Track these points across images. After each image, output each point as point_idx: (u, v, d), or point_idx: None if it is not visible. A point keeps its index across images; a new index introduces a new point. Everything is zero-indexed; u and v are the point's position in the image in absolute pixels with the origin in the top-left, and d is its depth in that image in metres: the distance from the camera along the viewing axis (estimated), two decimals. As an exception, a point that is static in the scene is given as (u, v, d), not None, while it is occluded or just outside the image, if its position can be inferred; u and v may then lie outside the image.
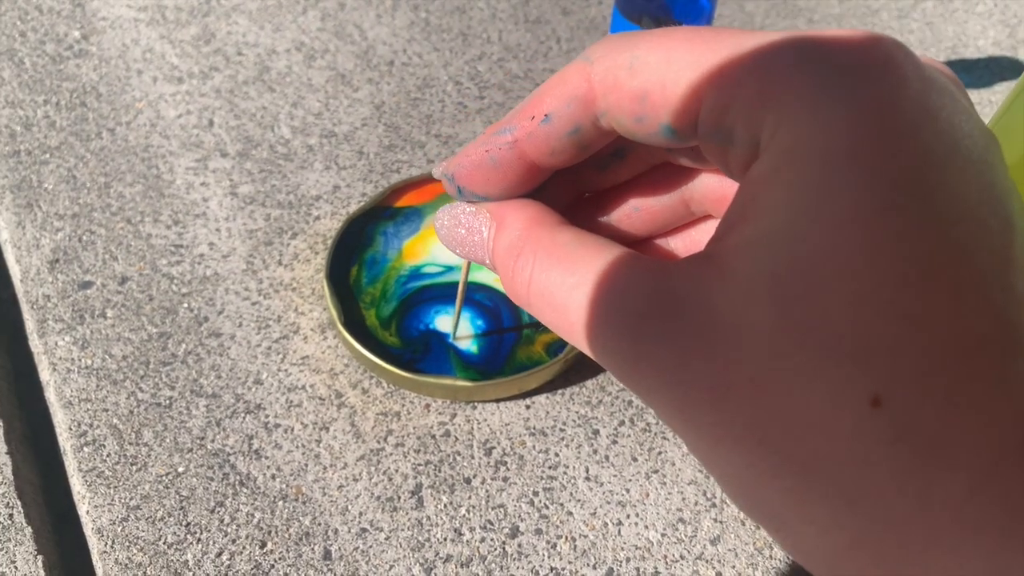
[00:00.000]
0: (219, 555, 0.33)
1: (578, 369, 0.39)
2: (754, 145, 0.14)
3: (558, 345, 0.38)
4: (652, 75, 0.15)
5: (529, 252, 0.17)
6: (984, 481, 0.12)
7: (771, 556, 0.34)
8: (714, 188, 0.19)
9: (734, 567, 0.33)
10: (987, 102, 0.54)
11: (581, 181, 0.20)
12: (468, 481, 0.35)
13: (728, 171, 0.16)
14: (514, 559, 0.33)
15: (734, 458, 0.14)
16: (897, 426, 0.12)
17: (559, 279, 0.16)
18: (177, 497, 0.34)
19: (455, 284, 0.40)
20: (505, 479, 0.36)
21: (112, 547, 0.33)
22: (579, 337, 0.16)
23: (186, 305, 0.40)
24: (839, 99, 0.13)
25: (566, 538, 0.34)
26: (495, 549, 0.33)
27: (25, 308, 0.40)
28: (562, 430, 0.37)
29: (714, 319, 0.14)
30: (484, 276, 0.41)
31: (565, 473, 0.36)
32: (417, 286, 0.40)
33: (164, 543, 0.33)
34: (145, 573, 0.32)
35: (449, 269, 0.41)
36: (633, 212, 0.20)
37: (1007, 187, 0.13)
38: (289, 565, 0.32)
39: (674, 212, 0.20)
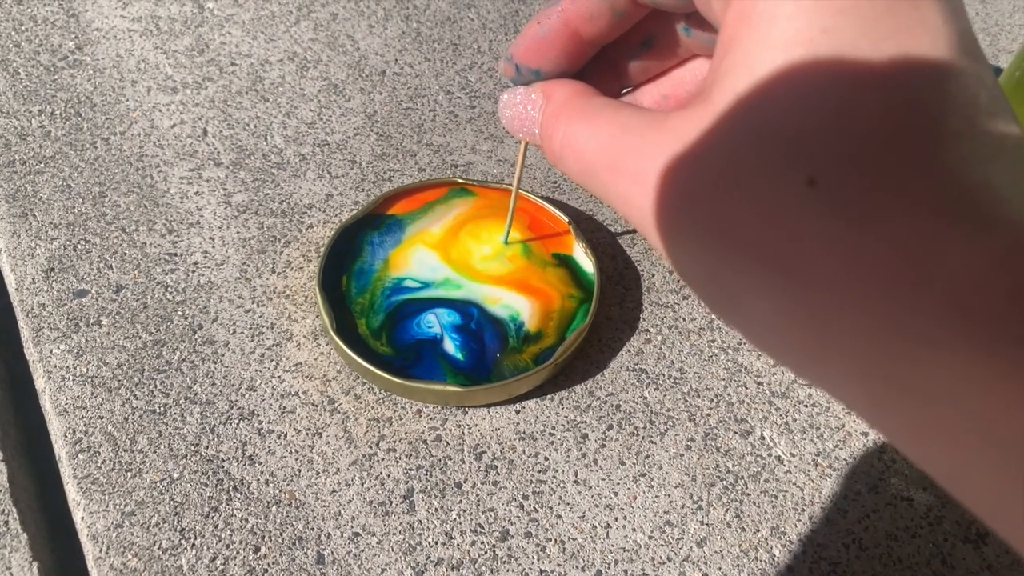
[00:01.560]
0: (213, 560, 0.33)
1: (567, 374, 0.40)
2: None
3: (545, 356, 0.39)
4: None
5: (565, 115, 0.21)
6: (906, 243, 0.14)
7: (756, 558, 0.34)
8: None
9: (720, 569, 0.34)
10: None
11: (619, 72, 0.24)
12: (459, 485, 0.36)
13: (717, 25, 0.18)
14: (504, 562, 0.34)
15: (695, 252, 0.16)
16: (830, 202, 0.14)
17: (582, 129, 0.20)
18: (171, 503, 0.34)
19: (435, 299, 0.40)
20: (495, 483, 0.36)
21: (107, 553, 0.33)
22: (593, 177, 0.19)
23: (180, 313, 0.41)
24: None
25: (555, 541, 0.34)
26: (485, 552, 0.34)
27: (20, 316, 0.40)
28: (551, 434, 0.38)
29: (693, 141, 0.16)
30: (472, 295, 0.41)
31: (554, 477, 0.36)
32: (399, 300, 0.40)
33: (159, 549, 0.33)
34: (140, 578, 0.32)
35: (427, 285, 0.41)
36: (663, 100, 0.24)
37: (960, 28, 0.15)
38: (283, 569, 0.33)
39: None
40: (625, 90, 0.25)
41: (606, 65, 0.23)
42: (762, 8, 0.15)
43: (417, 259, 0.42)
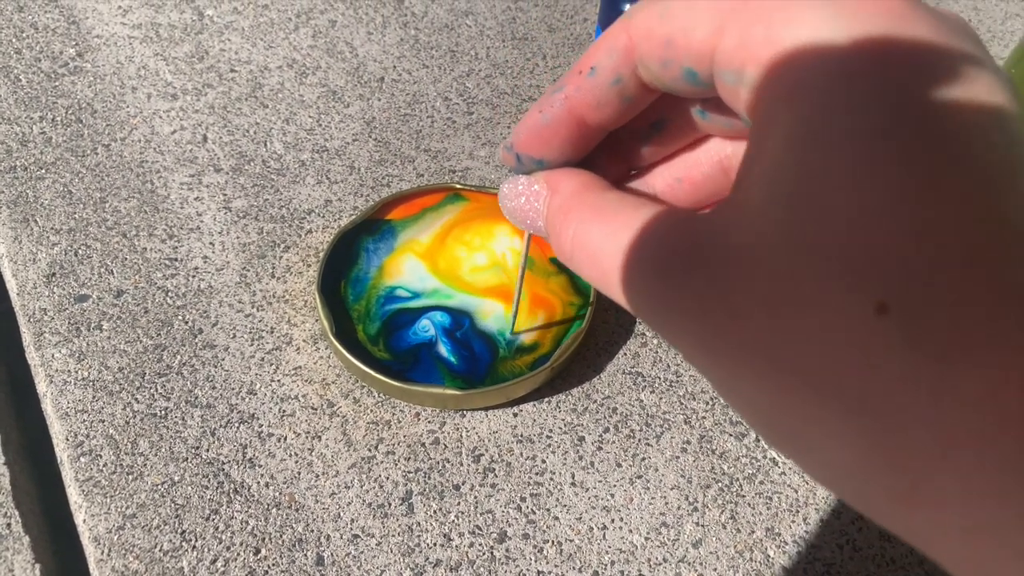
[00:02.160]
0: (214, 562, 0.33)
1: (564, 377, 0.40)
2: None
3: (539, 363, 0.39)
4: (677, 22, 0.16)
5: (575, 211, 0.19)
6: (998, 380, 0.12)
7: (751, 559, 0.35)
8: None
9: (715, 570, 0.34)
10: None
11: (627, 156, 0.22)
12: (457, 488, 0.36)
13: (745, 115, 0.17)
14: (502, 563, 0.34)
15: (752, 383, 0.14)
16: (904, 330, 0.12)
17: (597, 230, 0.18)
18: (172, 505, 0.35)
19: (427, 308, 0.41)
20: (493, 485, 0.36)
21: (109, 555, 0.33)
22: (612, 283, 0.17)
23: (181, 317, 0.41)
24: (839, 29, 0.14)
25: (552, 542, 0.35)
26: (483, 554, 0.34)
27: (22, 321, 0.41)
28: (548, 437, 0.38)
29: (730, 252, 0.15)
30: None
31: (551, 479, 0.37)
32: (393, 309, 0.41)
33: (160, 551, 0.33)
34: (141, 580, 0.33)
35: (416, 296, 0.41)
36: (676, 184, 0.22)
37: (1014, 109, 0.14)
38: (283, 571, 0.33)
39: (715, 182, 0.21)
40: (633, 171, 0.23)
41: (613, 149, 0.22)
42: (805, 99, 0.14)
43: (408, 268, 0.42)
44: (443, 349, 0.39)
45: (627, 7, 0.45)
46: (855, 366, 0.13)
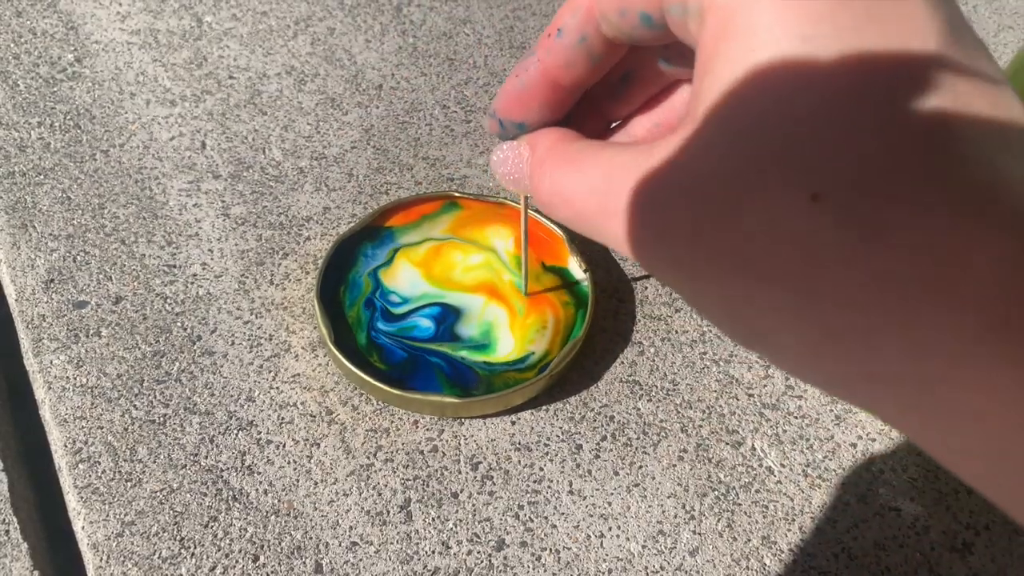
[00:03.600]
0: (212, 569, 0.33)
1: (562, 386, 0.40)
2: (703, 11, 0.16)
3: (520, 363, 0.39)
4: None
5: (550, 161, 0.20)
6: (927, 250, 0.13)
7: (747, 567, 0.35)
8: None
9: (712, 577, 0.35)
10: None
11: (604, 110, 0.23)
12: (455, 495, 0.36)
13: (695, 47, 0.18)
14: (500, 571, 0.34)
15: (716, 289, 0.16)
16: (836, 214, 0.14)
17: (568, 175, 0.19)
18: (171, 512, 0.35)
19: (417, 309, 0.41)
20: (491, 493, 0.37)
21: (107, 562, 0.33)
22: (586, 220, 0.19)
23: (179, 324, 0.41)
24: None
25: (550, 550, 0.35)
26: (481, 561, 0.34)
27: (20, 327, 0.41)
28: (546, 445, 0.38)
29: (684, 173, 0.16)
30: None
31: (549, 487, 0.37)
32: (380, 326, 0.41)
33: (159, 558, 0.34)
34: (140, 587, 0.33)
35: (406, 301, 0.42)
36: (655, 129, 0.23)
37: (938, 26, 0.15)
38: (281, 578, 0.33)
39: None
40: (614, 124, 0.24)
41: (590, 106, 0.23)
42: (740, 22, 0.15)
43: (403, 275, 0.42)
44: (439, 356, 0.39)
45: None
46: (796, 253, 0.14)
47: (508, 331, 0.41)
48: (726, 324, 0.16)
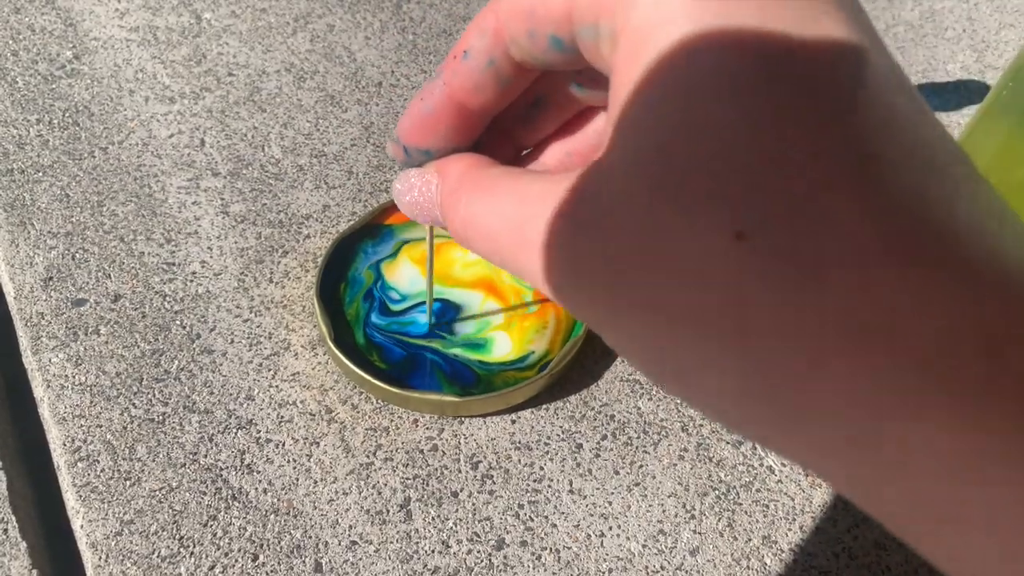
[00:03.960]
0: (212, 568, 0.33)
1: (562, 384, 0.40)
2: (616, 34, 0.15)
3: (512, 365, 0.39)
4: None
5: (464, 190, 0.19)
6: (856, 293, 0.12)
7: (748, 567, 0.35)
8: None
9: (713, 577, 0.35)
10: (956, 124, 0.56)
11: (514, 137, 0.22)
12: (455, 494, 0.36)
13: (609, 72, 0.17)
14: (500, 571, 0.34)
15: (639, 329, 0.15)
16: (764, 255, 0.13)
17: (483, 205, 0.18)
18: (170, 511, 0.35)
19: (414, 306, 0.41)
20: (491, 492, 0.37)
21: (106, 561, 0.33)
22: (503, 255, 0.18)
23: (179, 322, 0.41)
24: None
25: (550, 550, 0.35)
26: (481, 561, 0.34)
27: (19, 325, 0.41)
28: (546, 444, 0.38)
29: (594, 205, 0.15)
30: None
31: (549, 486, 0.37)
32: (378, 322, 0.41)
33: (158, 557, 0.33)
34: (139, 586, 0.33)
35: (404, 298, 0.42)
36: (567, 158, 0.22)
37: (863, 42, 0.14)
38: (281, 577, 0.33)
39: None
40: (525, 152, 0.23)
41: (499, 132, 0.22)
42: (653, 45, 0.14)
43: (403, 273, 0.42)
44: (436, 354, 0.39)
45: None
46: (723, 295, 0.13)
47: (506, 330, 0.41)
48: (648, 366, 0.15)
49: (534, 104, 0.21)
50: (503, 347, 0.40)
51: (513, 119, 0.21)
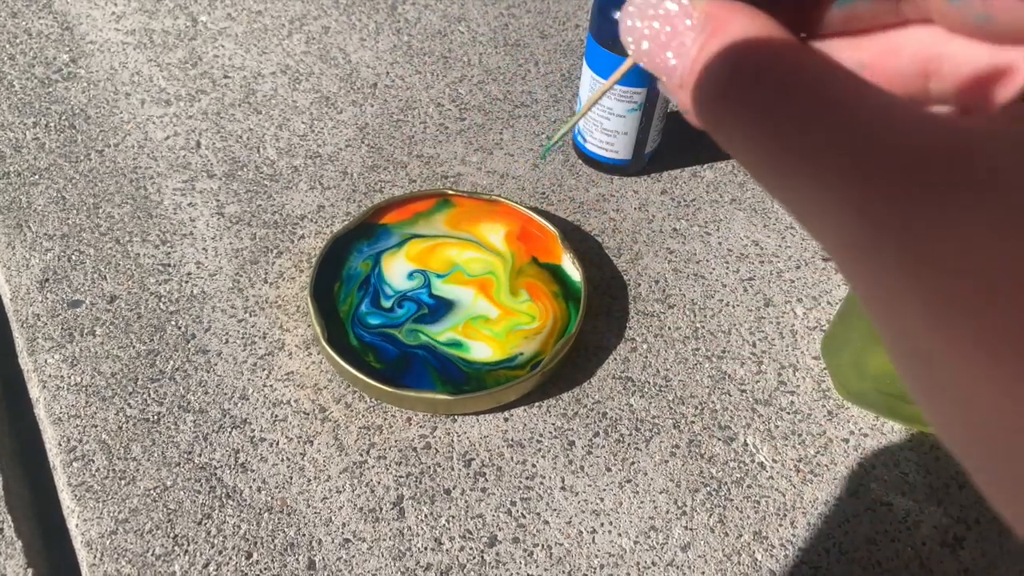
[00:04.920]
0: (206, 566, 0.34)
1: (554, 382, 0.41)
2: None
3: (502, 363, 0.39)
4: None
5: (774, 76, 0.13)
6: None
7: (739, 562, 0.35)
8: (969, 69, 0.15)
9: (703, 573, 0.35)
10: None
11: (807, 12, 0.16)
12: (448, 492, 0.37)
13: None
14: (492, 567, 0.34)
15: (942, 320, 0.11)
16: None
17: (809, 122, 0.12)
18: (165, 510, 0.35)
19: (407, 299, 0.41)
20: (484, 490, 0.37)
21: (101, 560, 0.33)
22: (836, 192, 0.12)
23: (174, 323, 0.41)
24: None
25: (542, 546, 0.35)
26: (474, 558, 0.35)
27: (15, 326, 0.41)
28: (539, 441, 0.38)
29: (996, 176, 0.11)
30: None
31: (542, 483, 0.37)
32: (375, 322, 0.41)
33: (152, 555, 0.34)
34: (134, 584, 0.33)
35: (397, 293, 0.42)
36: (859, 69, 0.16)
37: None
38: (274, 575, 0.33)
39: (906, 84, 0.16)
40: (802, 35, 0.17)
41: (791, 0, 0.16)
42: None
43: (397, 270, 0.43)
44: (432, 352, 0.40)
45: (617, 15, 0.45)
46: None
47: (494, 329, 0.41)
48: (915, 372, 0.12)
49: None
50: (484, 349, 0.40)
51: None
